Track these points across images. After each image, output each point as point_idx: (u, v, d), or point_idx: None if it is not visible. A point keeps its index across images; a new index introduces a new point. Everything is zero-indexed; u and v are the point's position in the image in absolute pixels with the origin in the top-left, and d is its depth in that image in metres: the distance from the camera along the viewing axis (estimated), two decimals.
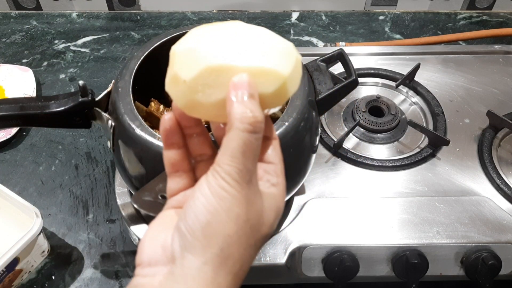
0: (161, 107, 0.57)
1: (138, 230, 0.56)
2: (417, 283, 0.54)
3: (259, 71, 0.28)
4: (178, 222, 0.29)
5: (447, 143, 0.63)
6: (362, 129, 0.67)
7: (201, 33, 0.30)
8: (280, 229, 0.56)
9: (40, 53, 0.90)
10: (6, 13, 0.98)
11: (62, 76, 0.86)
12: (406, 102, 0.72)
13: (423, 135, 0.66)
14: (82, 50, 0.91)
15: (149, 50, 0.52)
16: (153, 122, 0.55)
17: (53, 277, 0.61)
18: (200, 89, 0.29)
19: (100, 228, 0.65)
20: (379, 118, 0.67)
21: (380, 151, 0.65)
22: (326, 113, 0.69)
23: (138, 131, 0.45)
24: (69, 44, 0.92)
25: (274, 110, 0.31)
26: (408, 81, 0.73)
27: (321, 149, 0.65)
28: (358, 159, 0.63)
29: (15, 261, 0.56)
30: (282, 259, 0.54)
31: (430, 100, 0.70)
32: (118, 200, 0.59)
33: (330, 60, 0.54)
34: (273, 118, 0.55)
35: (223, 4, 0.98)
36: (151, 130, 0.45)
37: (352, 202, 0.58)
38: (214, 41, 0.29)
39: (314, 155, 0.53)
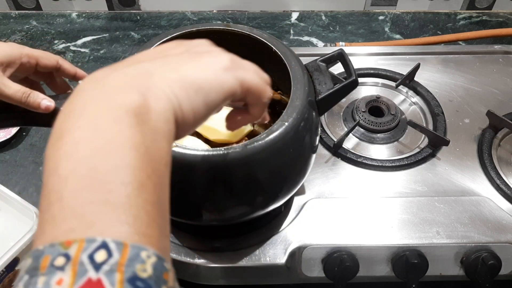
0: None
1: None
2: (417, 283, 0.53)
3: None
4: None
5: (447, 143, 0.63)
6: (362, 129, 0.67)
7: None
8: (280, 229, 0.56)
9: None
10: (6, 13, 0.98)
11: None
12: (406, 102, 0.72)
13: (423, 135, 0.66)
14: (82, 50, 0.91)
15: None
16: None
17: None
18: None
19: None
20: (379, 118, 0.67)
21: (380, 151, 0.65)
22: (326, 113, 0.69)
23: None
24: (69, 44, 0.92)
25: None
26: (408, 81, 0.73)
27: (321, 149, 0.65)
28: (358, 159, 0.63)
29: (15, 261, 0.56)
30: (282, 259, 0.54)
31: (430, 100, 0.70)
32: None
33: (330, 60, 0.54)
34: (274, 118, 0.56)
35: (223, 4, 0.98)
36: None
37: (352, 202, 0.58)
38: None
39: (314, 155, 0.53)
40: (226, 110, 0.56)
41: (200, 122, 0.30)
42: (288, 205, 0.58)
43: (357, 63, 0.70)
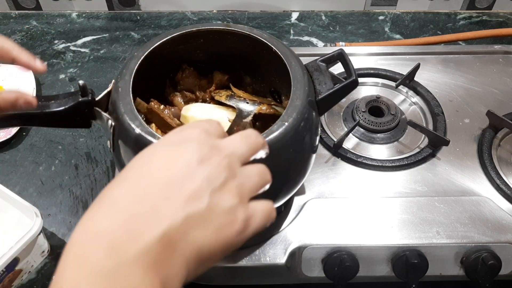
0: (161, 107, 0.57)
1: None
2: (417, 283, 0.54)
3: None
4: None
5: (447, 143, 0.63)
6: (362, 129, 0.67)
7: None
8: (280, 229, 0.56)
9: (40, 53, 0.90)
10: (6, 13, 0.98)
11: (62, 76, 0.86)
12: (406, 102, 0.72)
13: (423, 135, 0.66)
14: (82, 50, 0.91)
15: (149, 50, 0.52)
16: (153, 119, 0.55)
17: (53, 277, 0.61)
18: None
19: None
20: (379, 118, 0.67)
21: (380, 151, 0.65)
22: (326, 113, 0.69)
23: (138, 131, 0.45)
24: (69, 44, 0.92)
25: None
26: (408, 81, 0.73)
27: (321, 149, 0.65)
28: (358, 159, 0.63)
29: (15, 261, 0.56)
30: (282, 259, 0.54)
31: (430, 100, 0.70)
32: None
33: (330, 60, 0.54)
34: (275, 117, 0.56)
35: (223, 4, 0.98)
36: (151, 130, 0.45)
37: (352, 202, 0.58)
38: None
39: (314, 155, 0.53)
40: (219, 111, 0.56)
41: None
42: (288, 205, 0.58)
43: (357, 63, 0.70)
